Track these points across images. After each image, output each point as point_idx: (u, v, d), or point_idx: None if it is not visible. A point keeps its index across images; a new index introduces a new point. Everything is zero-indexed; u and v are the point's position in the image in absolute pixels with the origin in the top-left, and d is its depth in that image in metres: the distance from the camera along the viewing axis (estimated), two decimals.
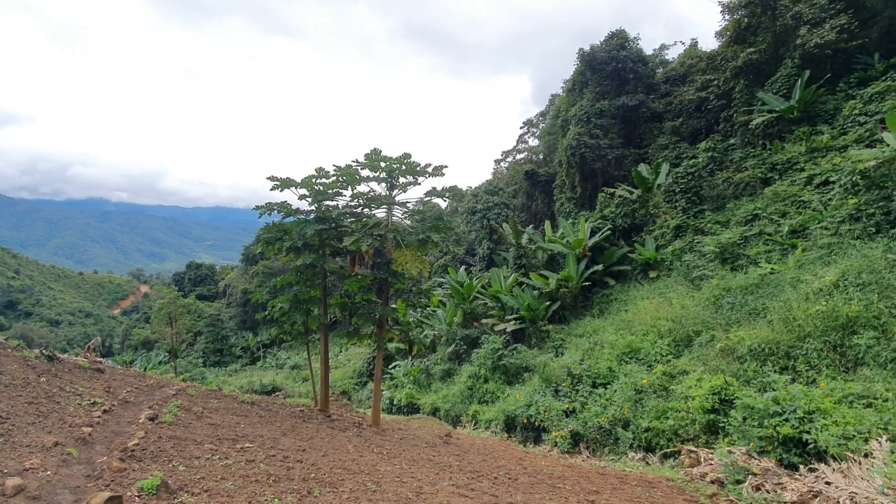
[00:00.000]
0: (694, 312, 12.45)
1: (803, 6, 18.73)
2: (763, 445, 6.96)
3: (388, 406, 20.17)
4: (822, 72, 17.99)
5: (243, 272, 61.60)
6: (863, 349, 8.08)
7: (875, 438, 6.09)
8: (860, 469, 5.85)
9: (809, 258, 11.89)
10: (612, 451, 10.04)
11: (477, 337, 20.37)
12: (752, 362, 9.34)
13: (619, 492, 6.61)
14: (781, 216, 14.76)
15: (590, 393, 11.71)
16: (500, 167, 49.88)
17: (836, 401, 6.90)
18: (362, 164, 9.75)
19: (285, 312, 10.48)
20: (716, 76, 23.01)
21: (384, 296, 10.33)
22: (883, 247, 10.28)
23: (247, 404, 9.39)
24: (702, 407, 8.41)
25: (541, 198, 35.43)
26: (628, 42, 27.20)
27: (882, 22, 18.02)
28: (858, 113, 15.81)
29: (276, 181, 9.92)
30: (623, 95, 26.46)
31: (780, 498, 6.00)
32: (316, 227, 9.72)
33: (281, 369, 36.69)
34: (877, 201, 11.76)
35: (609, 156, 25.45)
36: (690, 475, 7.33)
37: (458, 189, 10.79)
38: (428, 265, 10.21)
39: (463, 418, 15.88)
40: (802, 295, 10.10)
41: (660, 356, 11.66)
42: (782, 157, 16.98)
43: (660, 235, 18.73)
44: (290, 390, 26.43)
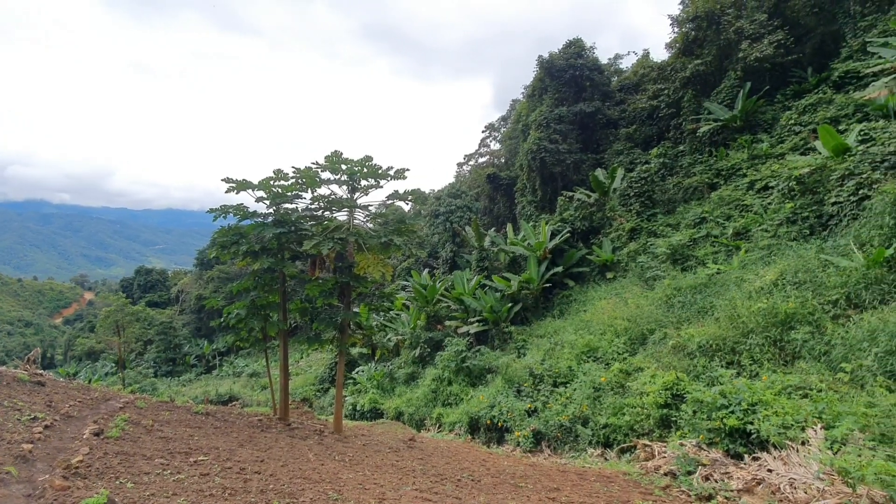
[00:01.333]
0: (648, 311, 12.97)
1: (745, 22, 19.94)
2: (712, 437, 7.32)
3: (351, 412, 19.86)
4: (762, 84, 19.21)
5: (197, 277, 59.16)
6: (799, 343, 8.66)
7: (811, 427, 6.52)
8: (798, 456, 6.25)
9: (752, 258, 12.65)
10: (572, 448, 10.29)
11: (441, 339, 20.41)
12: (701, 358, 9.82)
13: (578, 488, 6.78)
14: (726, 219, 15.62)
15: (551, 392, 11.96)
16: (463, 170, 50.24)
17: (776, 392, 7.34)
18: (322, 167, 9.60)
19: (242, 319, 10.15)
20: (666, 86, 24.12)
21: (346, 300, 10.18)
22: (816, 248, 11.07)
23: (201, 415, 9.02)
24: (655, 402, 8.75)
25: (503, 201, 35.96)
26: (585, 51, 28.08)
27: (814, 38, 19.43)
28: (794, 123, 16.96)
29: (232, 183, 9.62)
30: (581, 102, 27.28)
31: (727, 487, 6.32)
32: (274, 230, 9.47)
33: (238, 378, 35.45)
34: (810, 205, 12.66)
35: (568, 160, 26.15)
36: (646, 468, 7.61)
37: (421, 192, 10.82)
38: (391, 268, 10.16)
39: (427, 422, 15.85)
40: (745, 293, 10.72)
41: (617, 354, 12.06)
42: (727, 163, 17.99)
43: (616, 238, 19.40)
44: (247, 399, 25.55)
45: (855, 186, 11.51)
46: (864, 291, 8.82)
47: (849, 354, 7.71)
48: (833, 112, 15.59)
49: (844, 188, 11.77)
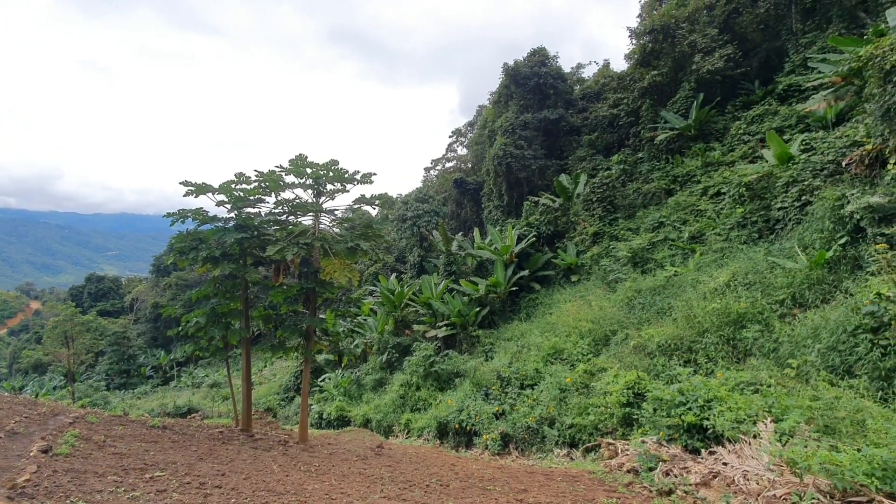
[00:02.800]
0: (610, 313, 13.34)
1: (697, 36, 20.93)
2: (671, 434, 7.58)
3: (317, 421, 19.45)
4: (714, 95, 20.20)
5: (153, 284, 56.64)
6: (750, 341, 9.12)
7: (762, 421, 6.85)
8: (751, 449, 6.55)
9: (706, 261, 13.23)
10: (539, 450, 10.43)
11: (409, 344, 20.30)
12: (661, 357, 10.18)
13: (545, 488, 6.88)
14: (682, 223, 16.29)
15: (518, 394, 12.09)
16: (430, 175, 50.34)
17: (729, 389, 7.69)
18: (287, 170, 9.42)
19: (202, 327, 9.80)
20: (625, 95, 25.00)
21: (311, 306, 10.00)
22: (764, 250, 11.70)
23: (157, 429, 8.63)
24: (618, 401, 8.99)
25: (470, 205, 36.24)
26: (548, 59, 28.75)
27: (761, 53, 20.60)
28: (743, 132, 17.91)
29: (191, 186, 9.30)
30: (545, 109, 27.89)
31: (685, 481, 6.56)
32: (236, 235, 9.21)
33: (198, 389, 34.09)
34: (758, 210, 13.38)
35: (533, 166, 26.65)
36: (610, 466, 7.80)
37: (389, 196, 10.78)
38: (357, 273, 10.06)
39: (395, 428, 15.71)
40: (701, 294, 11.20)
41: (581, 355, 12.33)
42: (682, 170, 18.79)
43: (580, 242, 19.88)
44: (208, 411, 24.61)
45: (798, 193, 12.25)
46: (807, 291, 9.39)
47: (795, 351, 8.17)
48: (778, 122, 16.55)
49: (789, 194, 12.51)
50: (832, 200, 10.06)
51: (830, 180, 11.61)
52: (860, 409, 6.10)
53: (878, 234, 8.64)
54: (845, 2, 16.79)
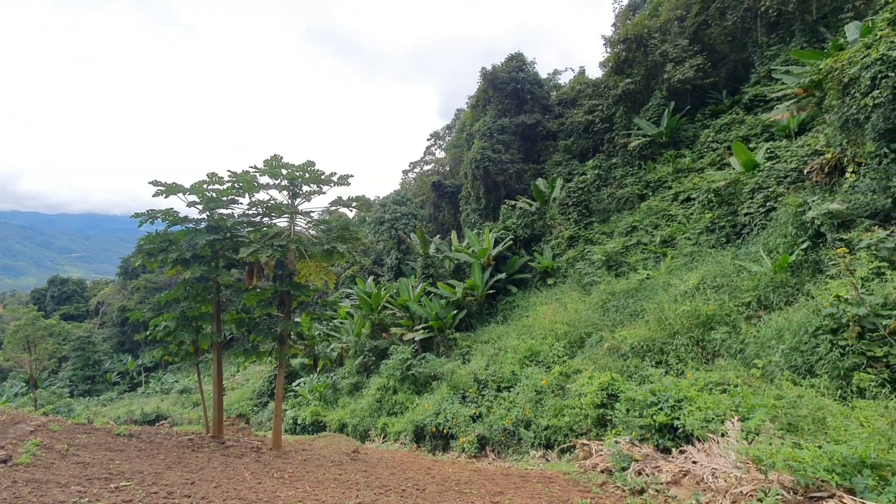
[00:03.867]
0: (585, 315, 13.55)
1: (669, 46, 21.55)
2: (643, 433, 7.73)
3: (291, 426, 19.10)
4: (685, 103, 20.82)
5: (121, 287, 54.71)
6: (718, 342, 9.40)
7: (729, 419, 7.06)
8: (719, 447, 6.74)
9: (677, 264, 13.59)
10: (515, 451, 10.50)
11: (386, 347, 20.17)
12: (634, 358, 10.39)
13: (521, 490, 6.93)
14: (655, 228, 16.71)
15: (495, 397, 12.15)
16: (408, 178, 50.27)
17: (699, 389, 7.89)
18: (261, 171, 9.25)
19: (171, 331, 9.51)
20: (600, 102, 25.52)
21: (286, 309, 9.83)
22: (731, 254, 12.10)
23: (123, 437, 8.34)
24: (593, 402, 9.12)
25: (447, 208, 36.32)
26: (526, 65, 29.12)
27: (728, 64, 21.35)
28: (711, 140, 18.51)
29: (161, 186, 9.04)
30: (522, 114, 28.22)
31: (657, 480, 6.70)
32: (208, 236, 8.98)
33: (167, 395, 33.09)
34: (726, 216, 13.83)
35: (510, 170, 26.91)
36: (584, 467, 7.90)
37: (366, 199, 10.69)
38: (333, 276, 9.94)
39: (372, 432, 15.57)
40: (672, 297, 11.49)
41: (557, 357, 12.48)
42: (654, 176, 19.28)
43: (556, 245, 20.15)
44: (177, 418, 23.88)
45: (763, 199, 12.72)
46: (772, 294, 9.74)
47: (760, 351, 8.45)
48: (744, 131, 17.17)
49: (754, 200, 12.98)
50: (794, 207, 10.47)
51: (793, 187, 12.09)
52: (821, 407, 6.34)
53: (837, 239, 9.04)
54: (807, 17, 17.56)
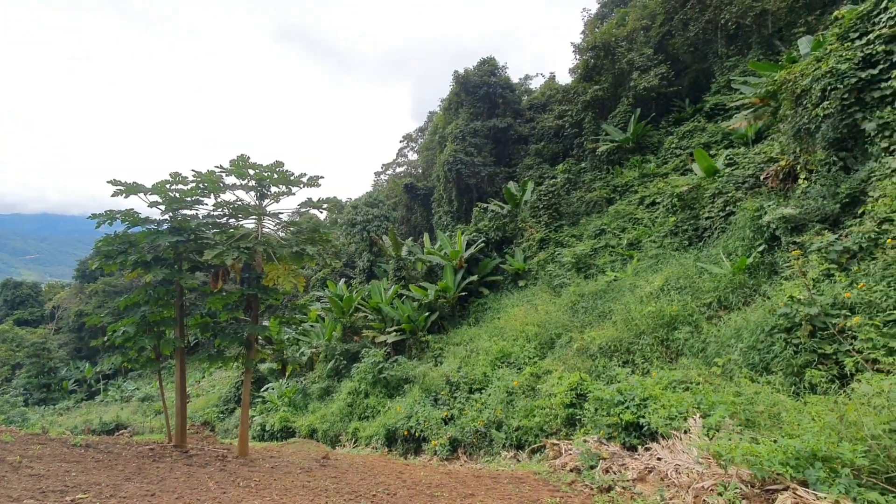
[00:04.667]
0: (556, 317, 13.76)
1: (635, 55, 22.20)
2: (611, 432, 7.91)
3: (259, 433, 18.64)
4: (650, 110, 21.48)
5: (78, 291, 52.21)
6: (681, 342, 9.71)
7: (691, 417, 7.29)
8: (682, 444, 6.95)
9: (643, 266, 13.98)
10: (487, 453, 10.55)
11: (357, 351, 19.96)
12: (602, 359, 10.62)
13: (492, 491, 6.96)
14: (622, 231, 17.15)
15: (467, 399, 12.19)
16: (381, 179, 49.98)
17: (663, 387, 8.12)
18: (227, 171, 9.00)
19: (131, 337, 9.13)
20: (570, 107, 26.05)
21: (253, 313, 9.60)
22: (693, 257, 12.54)
23: (80, 447, 7.95)
24: (562, 402, 9.27)
25: (420, 211, 36.28)
26: (498, 70, 29.45)
27: (691, 74, 22.15)
28: (675, 146, 19.16)
29: (120, 186, 8.69)
30: (494, 118, 28.51)
31: (624, 477, 6.85)
32: (171, 238, 8.68)
33: (127, 403, 31.76)
34: (689, 219, 14.33)
35: (483, 172, 27.13)
36: (554, 466, 8.01)
37: (338, 200, 10.58)
38: (303, 279, 9.77)
39: (342, 437, 15.36)
40: (638, 298, 11.81)
41: (528, 359, 12.63)
42: (621, 180, 19.80)
43: (527, 247, 20.41)
44: (138, 426, 22.97)
45: (723, 203, 13.25)
46: (731, 295, 10.14)
47: (720, 350, 8.78)
48: (706, 138, 17.84)
49: (715, 205, 13.50)
50: (752, 211, 10.94)
51: (750, 192, 12.63)
52: (776, 403, 6.63)
53: (791, 243, 9.49)
54: (763, 30, 18.42)
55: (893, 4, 8.53)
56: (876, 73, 8.64)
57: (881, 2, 8.80)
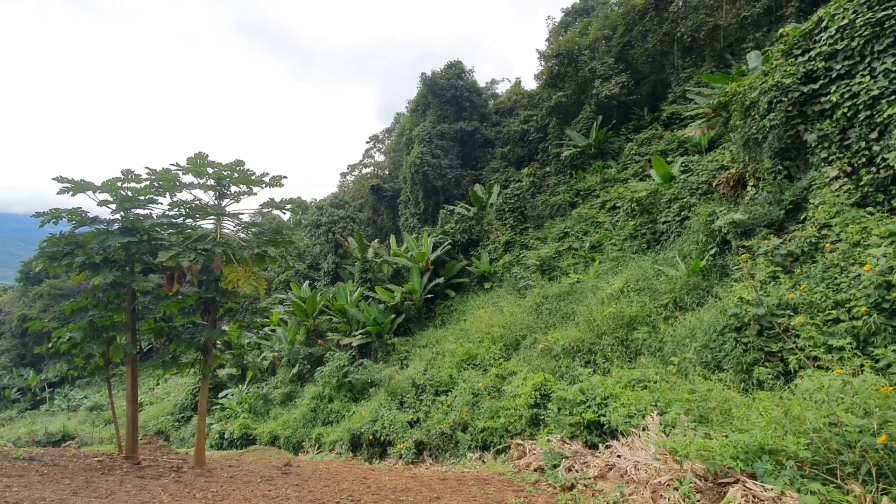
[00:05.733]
0: (521, 318, 13.95)
1: (597, 63, 22.86)
2: (573, 431, 8.08)
3: (218, 441, 17.98)
4: (611, 117, 22.16)
5: (21, 294, 48.86)
6: (640, 342, 10.04)
7: (649, 414, 7.54)
8: (640, 441, 7.17)
9: (604, 269, 14.38)
10: (453, 455, 10.57)
11: (322, 355, 19.58)
12: (565, 359, 10.84)
13: (457, 494, 6.98)
14: (584, 234, 17.59)
15: (433, 401, 12.17)
16: (347, 180, 49.29)
17: (623, 386, 8.37)
18: (184, 169, 8.66)
19: (78, 343, 8.64)
20: (535, 112, 26.54)
21: (212, 317, 9.26)
22: (651, 259, 13.00)
23: (23, 461, 7.45)
24: (527, 403, 9.40)
25: (386, 212, 36.04)
26: (465, 73, 29.69)
27: (649, 83, 23.00)
28: (635, 153, 19.84)
29: (67, 183, 8.21)
30: (461, 121, 28.71)
31: (585, 475, 7.01)
32: (122, 238, 8.26)
33: (75, 412, 29.98)
34: (647, 223, 14.85)
35: (449, 175, 27.24)
36: (518, 467, 8.10)
37: (302, 201, 10.37)
38: (265, 282, 9.51)
39: (306, 443, 15.02)
40: (599, 300, 12.13)
41: (493, 360, 12.73)
42: (584, 184, 20.33)
43: (493, 250, 20.62)
44: (86, 437, 21.71)
45: (679, 208, 13.81)
46: (686, 296, 10.57)
47: (676, 349, 9.13)
48: (663, 146, 18.57)
49: (671, 210, 14.06)
50: (705, 216, 11.45)
51: (704, 198, 13.23)
52: (727, 399, 6.94)
53: (741, 246, 9.99)
54: (716, 44, 19.35)
55: (832, 24, 9.13)
56: (816, 88, 9.23)
57: (821, 21, 9.41)
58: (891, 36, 8.16)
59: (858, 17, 8.62)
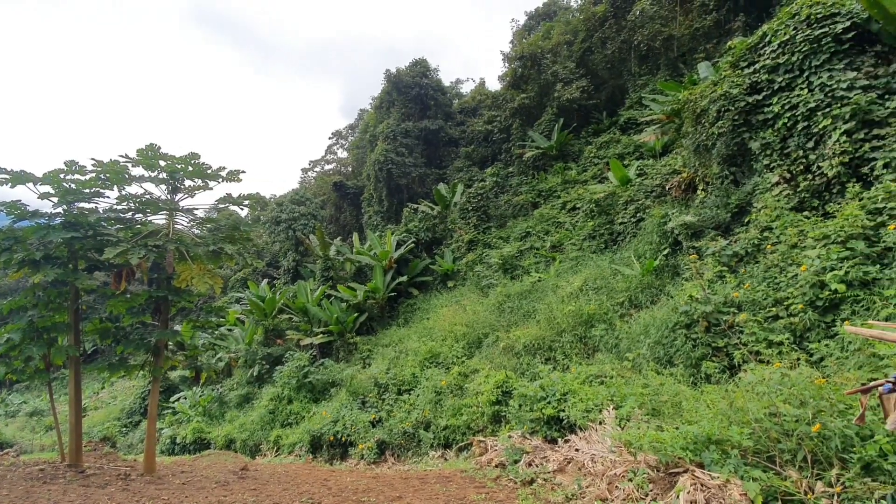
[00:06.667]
0: (483, 317, 14.11)
1: (559, 67, 23.38)
2: (533, 427, 8.24)
3: (169, 446, 17.23)
4: (572, 120, 22.73)
5: None
6: (598, 339, 10.37)
7: (606, 409, 7.79)
8: (597, 435, 7.42)
9: (564, 268, 14.75)
10: (415, 454, 10.57)
11: (281, 355, 19.11)
12: (526, 356, 11.05)
13: (420, 492, 6.99)
14: (546, 234, 17.98)
15: (395, 400, 12.12)
16: (308, 176, 48.21)
17: (581, 382, 8.61)
18: (134, 161, 8.24)
19: (16, 345, 8.07)
20: (498, 113, 26.86)
21: (163, 317, 8.86)
22: (609, 259, 13.45)
23: None
24: (489, 400, 9.51)
25: (349, 210, 35.53)
26: (430, 71, 29.65)
27: (608, 89, 23.73)
28: (594, 156, 20.44)
29: (5, 174, 7.65)
30: (426, 119, 28.67)
31: (545, 469, 7.18)
32: (64, 234, 7.77)
33: (13, 418, 28.00)
34: (605, 224, 15.35)
35: (413, 173, 27.16)
36: (480, 463, 8.20)
37: (260, 196, 10.07)
38: (221, 280, 9.18)
39: (263, 446, 14.62)
40: (559, 298, 12.44)
41: (456, 358, 12.81)
42: (546, 185, 20.77)
43: (456, 249, 20.73)
44: (26, 445, 20.34)
45: (634, 210, 14.35)
46: (640, 294, 11.00)
47: (631, 346, 9.48)
48: (620, 149, 19.22)
49: (627, 211, 14.59)
50: (658, 218, 11.95)
51: (658, 201, 13.80)
52: (678, 393, 7.27)
53: (691, 247, 10.50)
54: (670, 53, 20.20)
55: (775, 39, 9.73)
56: (760, 99, 9.82)
57: (766, 36, 10.01)
58: (827, 52, 8.79)
59: (798, 34, 9.23)
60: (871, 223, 7.04)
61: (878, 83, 8.30)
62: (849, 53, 8.72)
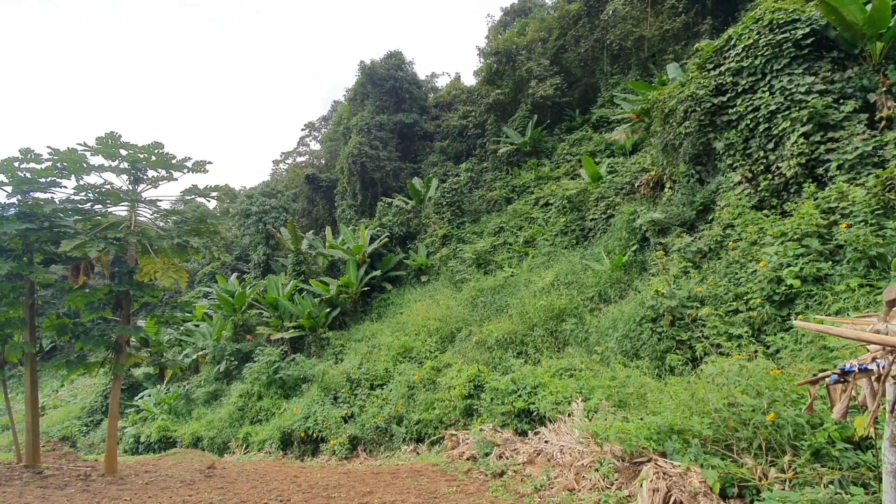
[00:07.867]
0: (456, 311, 14.17)
1: (533, 64, 23.56)
2: (505, 420, 8.35)
3: (133, 446, 16.69)
4: (546, 117, 22.96)
5: None
6: (568, 333, 10.57)
7: (575, 401, 7.97)
8: (566, 426, 7.58)
9: (536, 263, 14.95)
10: (387, 449, 10.55)
11: (251, 350, 18.73)
12: (498, 350, 11.17)
13: (391, 487, 7.00)
14: (519, 229, 18.17)
15: (368, 395, 12.07)
16: (280, 168, 47.17)
17: (551, 375, 8.77)
18: (93, 149, 7.90)
19: None
20: (473, 108, 26.90)
21: (125, 312, 8.55)
22: (580, 255, 13.70)
23: None
24: (461, 394, 9.57)
25: (322, 203, 34.98)
26: (405, 64, 29.38)
27: (581, 87, 24.06)
28: (566, 153, 20.73)
29: None
30: (400, 113, 28.43)
31: (515, 461, 7.30)
32: (18, 225, 7.40)
33: None
34: (576, 220, 15.61)
35: (388, 167, 26.94)
36: (451, 457, 8.27)
37: (229, 188, 9.81)
38: (186, 274, 8.92)
39: (232, 444, 14.34)
40: (532, 293, 12.61)
41: (429, 353, 12.83)
42: (519, 181, 20.96)
43: (430, 243, 20.72)
44: None
45: (605, 207, 14.64)
46: (610, 289, 11.26)
47: (600, 339, 9.71)
48: (592, 147, 19.56)
49: (598, 208, 14.87)
50: (627, 215, 12.24)
51: (627, 198, 14.12)
52: (643, 384, 7.50)
53: (658, 243, 10.80)
54: (641, 54, 20.61)
55: (740, 42, 10.06)
56: (725, 100, 10.15)
57: (731, 39, 10.34)
58: (787, 57, 9.14)
59: (761, 38, 9.57)
60: (825, 222, 7.40)
61: (834, 88, 8.70)
62: (807, 59, 9.10)
